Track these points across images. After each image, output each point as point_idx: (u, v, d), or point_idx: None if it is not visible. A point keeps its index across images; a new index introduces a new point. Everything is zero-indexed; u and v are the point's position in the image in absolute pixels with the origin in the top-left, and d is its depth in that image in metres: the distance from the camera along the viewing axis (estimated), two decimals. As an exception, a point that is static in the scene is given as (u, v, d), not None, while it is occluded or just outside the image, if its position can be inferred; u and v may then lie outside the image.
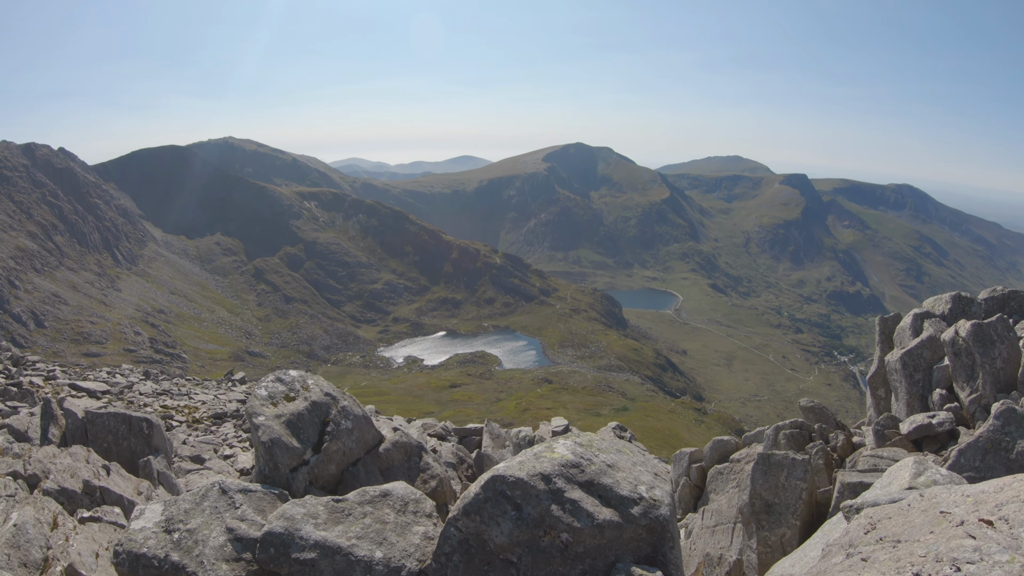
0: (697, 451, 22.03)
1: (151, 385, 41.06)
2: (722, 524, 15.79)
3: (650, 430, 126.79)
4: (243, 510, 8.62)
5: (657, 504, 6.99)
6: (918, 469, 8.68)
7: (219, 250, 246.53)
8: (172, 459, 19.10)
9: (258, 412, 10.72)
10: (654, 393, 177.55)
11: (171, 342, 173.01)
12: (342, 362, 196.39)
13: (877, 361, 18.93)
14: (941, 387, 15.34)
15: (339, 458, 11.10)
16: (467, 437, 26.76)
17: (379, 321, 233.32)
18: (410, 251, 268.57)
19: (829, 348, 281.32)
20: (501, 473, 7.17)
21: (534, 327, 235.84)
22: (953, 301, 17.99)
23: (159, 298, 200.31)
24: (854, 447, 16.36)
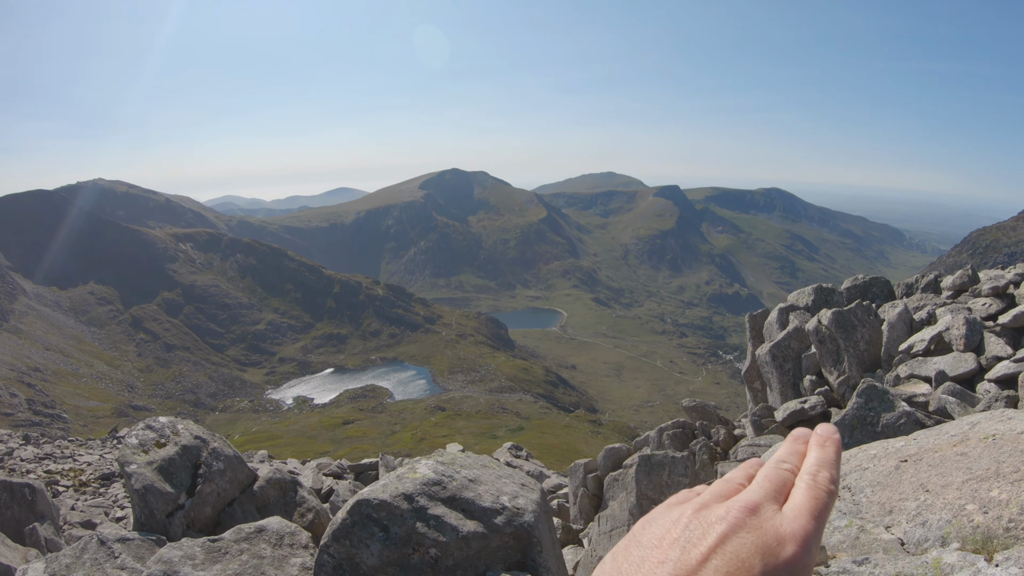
0: (591, 461, 22.33)
1: (32, 449, 39.51)
2: (617, 528, 16.09)
3: (547, 447, 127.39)
4: (123, 559, 8.49)
5: (521, 512, 7.16)
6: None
7: (93, 300, 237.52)
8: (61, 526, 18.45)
9: (130, 460, 10.55)
10: (548, 410, 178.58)
11: (50, 402, 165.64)
12: (230, 408, 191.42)
13: (750, 356, 19.64)
14: (811, 373, 16.02)
15: (214, 499, 10.98)
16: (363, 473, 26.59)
17: (265, 363, 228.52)
18: (291, 288, 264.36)
19: (714, 348, 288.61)
20: (365, 496, 7.26)
21: (422, 356, 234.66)
22: (815, 293, 18.83)
23: (34, 355, 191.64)
24: (736, 440, 16.93)
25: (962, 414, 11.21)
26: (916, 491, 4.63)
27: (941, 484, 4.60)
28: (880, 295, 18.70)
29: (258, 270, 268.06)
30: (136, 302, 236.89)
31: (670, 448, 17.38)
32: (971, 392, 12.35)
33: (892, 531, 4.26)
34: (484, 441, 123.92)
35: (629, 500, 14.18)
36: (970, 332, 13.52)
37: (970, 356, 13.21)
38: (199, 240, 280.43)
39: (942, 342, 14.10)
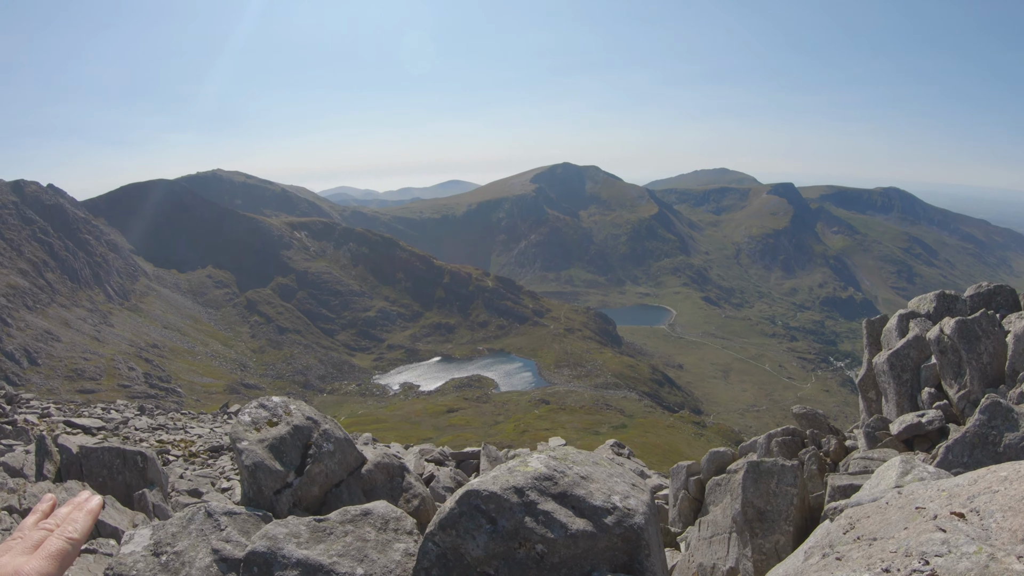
0: (694, 464, 21.98)
1: (146, 420, 40.95)
2: (718, 534, 15.75)
3: (649, 446, 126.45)
4: (228, 532, 8.68)
5: (631, 513, 6.99)
6: (905, 468, 8.68)
7: (211, 283, 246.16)
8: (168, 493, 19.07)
9: (241, 437, 10.77)
10: (652, 409, 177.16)
11: (165, 376, 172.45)
12: (338, 391, 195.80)
13: (866, 364, 18.95)
14: (929, 386, 15.36)
15: (322, 480, 11.13)
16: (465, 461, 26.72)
17: (373, 349, 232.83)
18: (402, 277, 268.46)
19: (825, 354, 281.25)
20: (475, 488, 7.20)
21: (529, 348, 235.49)
22: (938, 300, 18.04)
23: (152, 333, 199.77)
24: (847, 451, 16.37)
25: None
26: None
27: (1082, 516, 4.28)
28: (1004, 305, 17.82)
29: (370, 259, 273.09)
30: (251, 286, 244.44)
31: (779, 455, 16.93)
32: (1106, 414, 11.65)
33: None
34: (586, 437, 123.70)
35: (734, 507, 13.83)
36: (1105, 350, 12.77)
37: (1105, 375, 12.47)
38: (313, 229, 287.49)
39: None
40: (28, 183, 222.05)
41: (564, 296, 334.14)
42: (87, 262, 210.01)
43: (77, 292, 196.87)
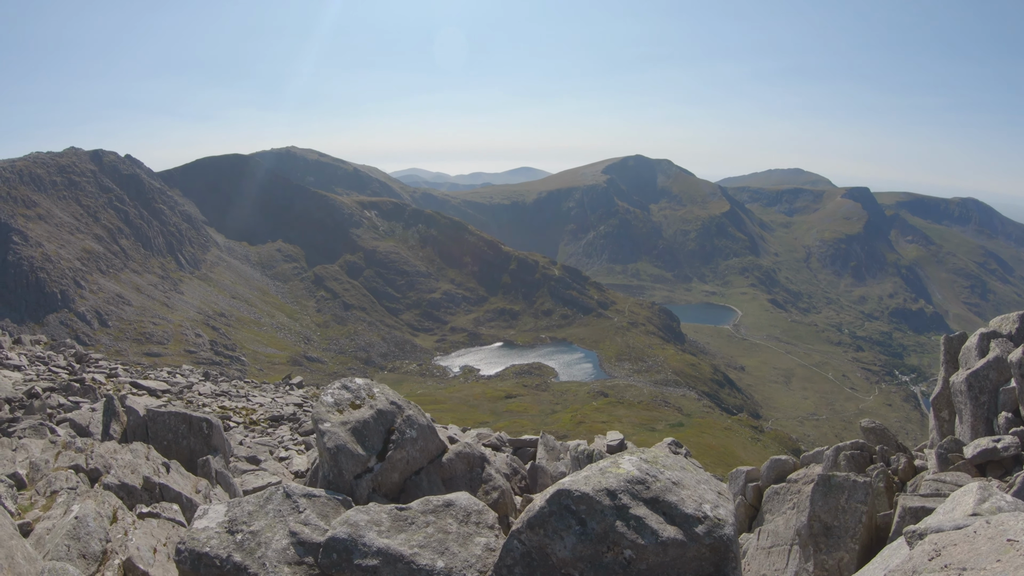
0: (754, 470, 21.72)
1: (210, 386, 41.57)
2: (778, 545, 15.56)
3: (705, 447, 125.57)
4: (306, 515, 8.70)
5: (721, 523, 6.91)
6: (983, 495, 8.48)
7: (280, 256, 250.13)
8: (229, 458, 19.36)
9: (324, 418, 10.84)
10: (710, 409, 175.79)
11: (231, 345, 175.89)
12: (399, 369, 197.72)
13: (941, 382, 18.51)
14: (1007, 410, 14.96)
15: (403, 467, 11.17)
16: (521, 448, 26.67)
17: (436, 330, 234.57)
18: (468, 261, 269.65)
19: (890, 367, 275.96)
20: (567, 487, 7.15)
21: (591, 340, 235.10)
22: (1021, 321, 17.53)
23: (220, 302, 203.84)
24: (916, 470, 16.03)
25: None
26: None
27: None
28: (1091, 331, 17.30)
29: (438, 241, 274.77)
30: (319, 262, 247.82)
31: (846, 470, 16.63)
32: None
33: None
34: (642, 432, 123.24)
35: (799, 519, 13.65)
36: None
37: None
38: (383, 208, 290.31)
39: None
40: (106, 152, 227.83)
41: (630, 289, 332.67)
42: (160, 231, 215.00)
43: (149, 259, 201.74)
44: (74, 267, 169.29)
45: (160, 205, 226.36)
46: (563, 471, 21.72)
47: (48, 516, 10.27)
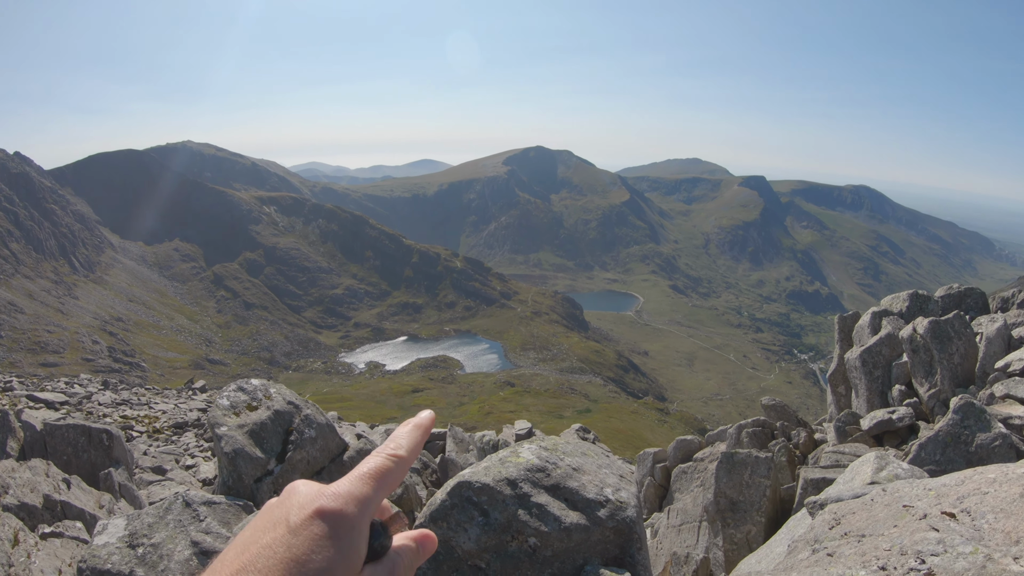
0: (661, 451, 22.10)
1: (110, 395, 40.50)
2: (688, 523, 15.86)
3: (613, 431, 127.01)
4: (207, 523, 8.47)
5: (624, 506, 6.96)
6: (880, 464, 8.77)
7: (178, 256, 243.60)
8: (133, 470, 18.82)
9: (220, 422, 10.55)
10: (617, 394, 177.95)
11: (130, 351, 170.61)
12: (303, 368, 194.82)
13: (837, 359, 19.14)
14: (900, 383, 15.54)
15: (303, 467, 10.96)
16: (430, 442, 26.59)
17: (340, 327, 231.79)
18: (370, 256, 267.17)
19: (789, 346, 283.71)
20: (467, 479, 7.13)
21: (496, 330, 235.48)
22: (911, 299, 18.26)
23: (117, 306, 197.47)
24: (816, 444, 16.53)
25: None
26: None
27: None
28: (974, 307, 18.09)
29: (339, 236, 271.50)
30: (218, 260, 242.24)
31: (749, 446, 17.06)
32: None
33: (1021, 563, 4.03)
34: (551, 420, 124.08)
35: (706, 497, 13.94)
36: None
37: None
38: (283, 204, 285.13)
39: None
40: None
41: (532, 279, 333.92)
42: (52, 232, 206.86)
43: (41, 263, 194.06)
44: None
45: (51, 205, 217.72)
46: (473, 462, 21.76)
47: (-57, 538, 9.84)
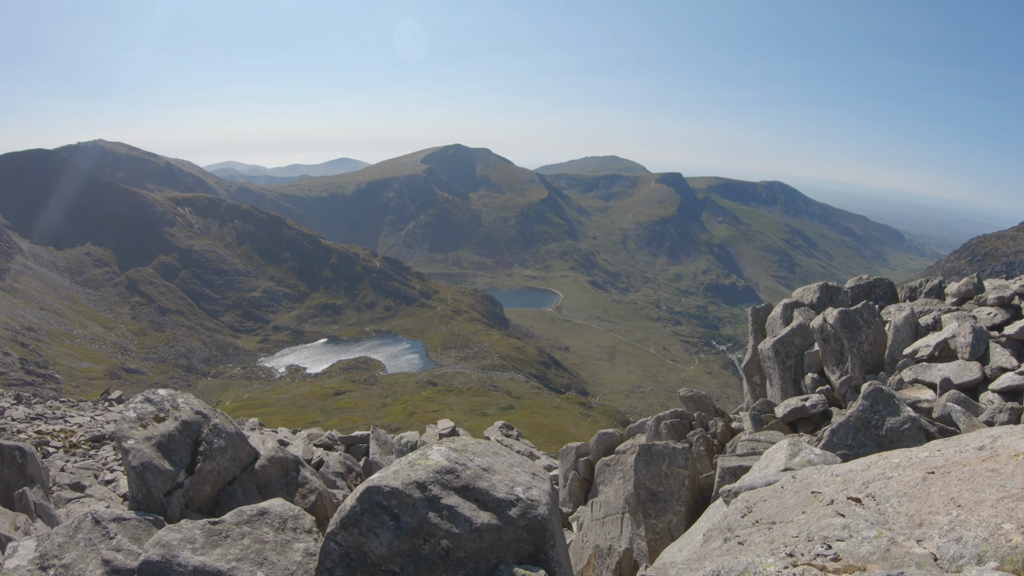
0: (583, 445, 22.30)
1: (24, 409, 39.31)
2: (611, 515, 16.07)
3: (537, 427, 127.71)
4: (118, 540, 8.33)
5: (535, 504, 7.04)
6: (793, 450, 9.02)
7: (90, 261, 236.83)
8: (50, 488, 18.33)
9: (127, 435, 10.35)
10: (539, 390, 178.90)
11: (43, 362, 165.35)
12: (223, 374, 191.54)
13: (751, 350, 19.58)
14: (813, 371, 15.99)
15: (214, 478, 10.82)
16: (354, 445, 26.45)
17: (259, 330, 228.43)
18: (288, 257, 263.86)
19: (708, 338, 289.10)
20: (376, 483, 7.11)
21: (416, 330, 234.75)
22: (821, 290, 18.78)
23: (28, 315, 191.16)
24: (733, 432, 16.88)
25: (967, 423, 11.16)
26: (947, 505, 4.55)
27: (974, 500, 4.52)
28: (883, 297, 18.68)
29: (256, 237, 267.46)
30: (132, 265, 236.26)
31: (668, 438, 17.35)
32: (975, 401, 12.32)
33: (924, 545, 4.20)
34: (474, 418, 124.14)
35: (626, 489, 14.13)
36: (976, 341, 13.47)
37: (975, 365, 13.15)
38: (198, 205, 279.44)
39: (947, 349, 14.03)
40: None
41: (452, 278, 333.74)
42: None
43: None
44: None
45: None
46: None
47: None
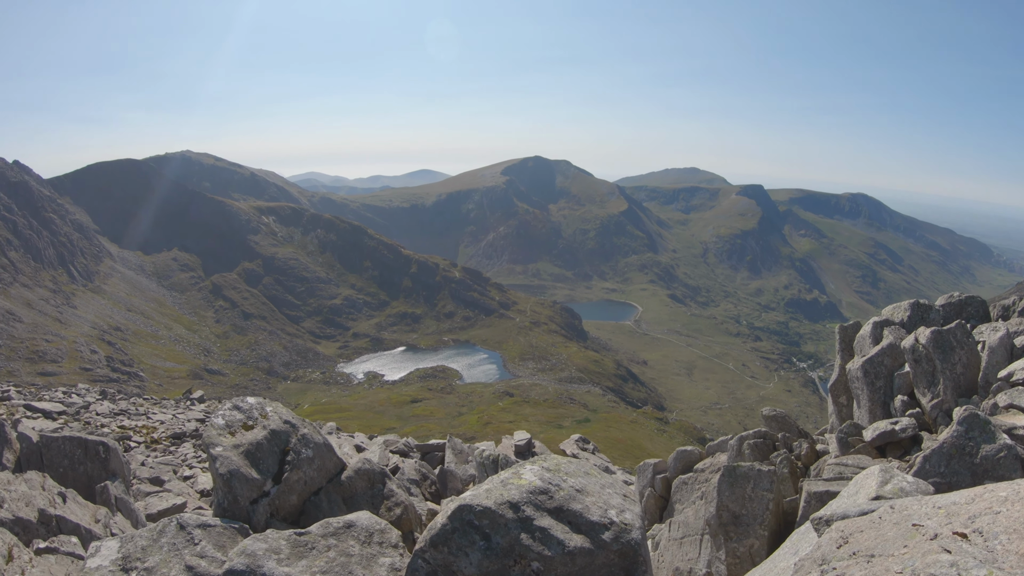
0: (661, 462, 21.96)
1: (108, 405, 40.31)
2: (689, 536, 15.73)
3: (612, 441, 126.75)
4: (202, 546, 8.32)
5: (628, 528, 6.85)
6: (884, 477, 8.65)
7: (176, 266, 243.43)
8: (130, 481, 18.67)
9: (215, 442, 10.37)
10: (616, 404, 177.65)
11: (128, 360, 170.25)
12: (302, 379, 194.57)
13: (838, 369, 19.02)
14: (903, 393, 15.43)
15: (300, 488, 10.79)
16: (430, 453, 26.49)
17: (339, 337, 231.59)
18: (369, 266, 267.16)
19: (788, 355, 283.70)
20: (468, 502, 7.00)
21: (494, 340, 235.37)
22: (912, 308, 18.16)
23: (115, 315, 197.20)
24: (818, 455, 16.39)
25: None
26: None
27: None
28: (975, 315, 18.00)
29: (337, 246, 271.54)
30: (217, 270, 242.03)
31: (750, 458, 16.93)
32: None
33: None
34: (549, 430, 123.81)
35: (708, 510, 13.80)
36: (1079, 365, 12.87)
37: (1078, 391, 12.54)
38: (281, 214, 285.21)
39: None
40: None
41: (531, 289, 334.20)
42: (51, 241, 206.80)
43: (40, 272, 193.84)
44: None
45: (50, 214, 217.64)
46: (472, 474, 21.65)
47: (-64, 556, 9.70)
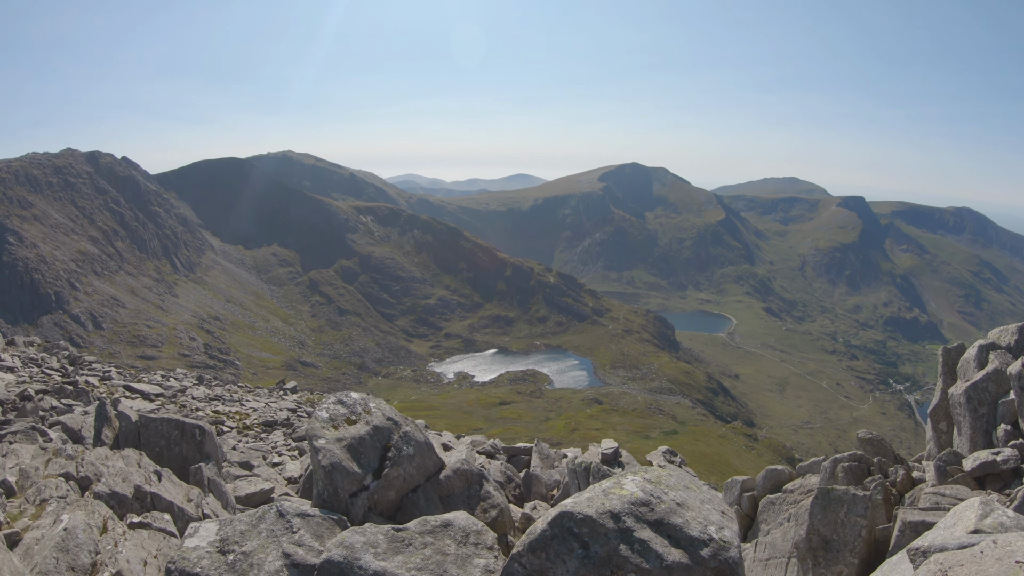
0: (749, 480, 21.62)
1: (204, 390, 41.33)
2: (776, 558, 15.44)
3: (700, 455, 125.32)
4: (301, 535, 8.45)
5: (727, 546, 6.74)
6: (984, 510, 8.36)
7: (275, 261, 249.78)
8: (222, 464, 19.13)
9: (319, 435, 10.55)
10: (705, 417, 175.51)
11: (225, 349, 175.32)
12: (393, 375, 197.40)
13: (940, 393, 18.40)
14: (1006, 422, 14.86)
15: (399, 484, 10.90)
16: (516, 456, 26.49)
17: (431, 336, 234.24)
18: (464, 267, 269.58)
19: (884, 376, 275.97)
20: (569, 510, 6.98)
21: (586, 347, 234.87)
22: (1020, 332, 17.44)
23: (215, 305, 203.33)
24: (914, 483, 15.91)
25: None
26: None
27: None
28: (1087, 343, 17.23)
29: (433, 247, 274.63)
30: (314, 267, 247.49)
31: (844, 482, 16.52)
32: None
33: None
34: (636, 440, 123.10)
35: (798, 532, 13.53)
36: None
37: None
38: (379, 214, 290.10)
39: None
40: (103, 155, 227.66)
41: (624, 297, 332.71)
42: (156, 233, 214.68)
43: (144, 262, 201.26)
44: (69, 269, 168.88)
45: (156, 208, 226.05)
46: (557, 479, 21.57)
47: (37, 526, 10.04)
